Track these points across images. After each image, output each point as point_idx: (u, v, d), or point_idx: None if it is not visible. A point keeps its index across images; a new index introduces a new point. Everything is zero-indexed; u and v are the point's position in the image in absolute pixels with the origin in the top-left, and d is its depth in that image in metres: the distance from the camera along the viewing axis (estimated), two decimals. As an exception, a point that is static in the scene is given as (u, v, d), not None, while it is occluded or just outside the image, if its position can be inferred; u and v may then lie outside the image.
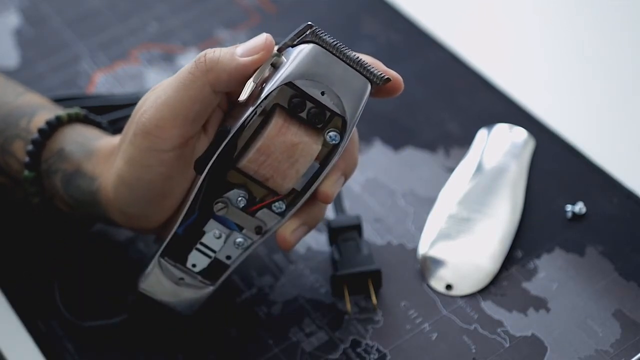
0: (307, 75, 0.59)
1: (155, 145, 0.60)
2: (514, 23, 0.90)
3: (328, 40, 0.59)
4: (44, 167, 0.66)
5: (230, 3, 0.91)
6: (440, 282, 0.69)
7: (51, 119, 0.67)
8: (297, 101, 0.60)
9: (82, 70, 0.86)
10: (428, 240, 0.71)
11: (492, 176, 0.74)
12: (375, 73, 0.60)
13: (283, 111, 0.60)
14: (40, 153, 0.66)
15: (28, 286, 0.71)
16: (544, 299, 0.68)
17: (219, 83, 0.59)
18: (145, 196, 0.62)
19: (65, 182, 0.66)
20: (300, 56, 0.59)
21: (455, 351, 0.66)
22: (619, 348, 0.65)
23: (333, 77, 0.59)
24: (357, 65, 0.60)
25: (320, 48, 0.59)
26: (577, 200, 0.73)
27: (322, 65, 0.59)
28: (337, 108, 0.60)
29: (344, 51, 0.60)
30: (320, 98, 0.59)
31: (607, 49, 0.85)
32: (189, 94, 0.60)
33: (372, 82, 0.60)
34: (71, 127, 0.68)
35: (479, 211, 0.72)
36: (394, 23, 0.88)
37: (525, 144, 0.77)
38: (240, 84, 0.60)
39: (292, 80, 0.59)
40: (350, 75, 0.60)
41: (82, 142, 0.67)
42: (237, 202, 0.61)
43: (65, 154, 0.66)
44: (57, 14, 0.91)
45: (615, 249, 0.70)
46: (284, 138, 0.60)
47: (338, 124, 0.60)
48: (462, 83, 0.83)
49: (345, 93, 0.59)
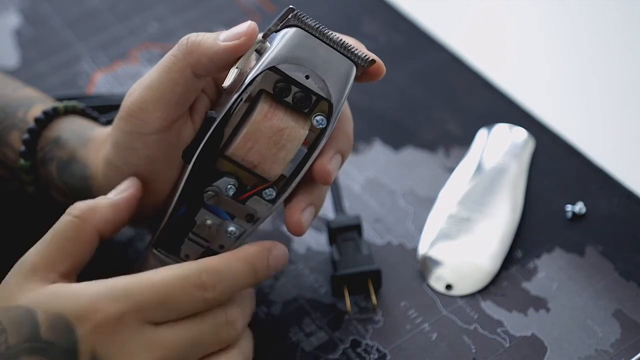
0: (290, 59, 0.59)
1: (139, 127, 0.61)
2: (515, 23, 0.90)
3: (310, 24, 0.59)
4: (40, 155, 0.67)
5: (230, 3, 0.91)
6: (440, 282, 0.69)
7: (48, 109, 0.67)
8: (282, 86, 0.59)
9: (82, 70, 0.86)
10: (428, 240, 0.71)
11: (492, 176, 0.74)
12: (360, 55, 0.59)
13: (269, 97, 0.60)
14: (36, 142, 0.67)
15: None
16: (544, 299, 0.68)
17: (200, 67, 0.59)
18: (128, 177, 0.63)
19: (60, 169, 0.66)
20: (283, 40, 0.59)
21: (455, 351, 0.66)
22: (619, 348, 0.65)
23: (317, 61, 0.59)
24: (341, 48, 0.59)
25: (303, 31, 0.59)
26: (577, 200, 0.73)
27: (305, 48, 0.59)
28: (322, 91, 0.59)
29: (327, 34, 0.59)
30: (305, 82, 0.59)
31: (608, 49, 0.85)
32: (171, 76, 0.60)
33: (356, 64, 0.60)
34: (68, 118, 0.68)
35: (479, 211, 0.72)
36: (395, 23, 0.88)
37: (525, 144, 0.77)
38: (222, 69, 0.60)
39: (276, 65, 0.59)
40: (334, 57, 0.59)
41: (78, 130, 0.67)
42: (227, 190, 0.61)
43: (61, 142, 0.67)
44: (57, 14, 0.91)
45: (616, 249, 0.70)
46: (270, 123, 0.59)
47: (324, 107, 0.60)
48: (462, 83, 0.83)
49: (330, 76, 0.59)
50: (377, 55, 0.62)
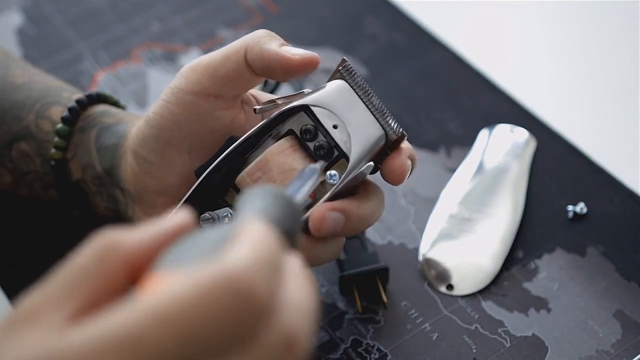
0: (325, 104, 0.59)
1: (179, 82, 0.62)
2: (516, 23, 0.90)
3: (357, 80, 0.60)
4: (81, 124, 0.68)
5: (232, 3, 0.91)
6: (441, 282, 0.69)
7: (100, 92, 0.69)
8: (309, 128, 0.60)
9: (84, 69, 0.86)
10: (429, 240, 0.71)
11: (494, 176, 0.74)
12: (392, 126, 0.59)
13: (294, 138, 0.60)
14: (81, 113, 0.68)
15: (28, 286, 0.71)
16: (544, 299, 0.68)
17: (251, 55, 0.61)
18: (154, 134, 0.63)
19: (101, 131, 0.67)
20: (325, 87, 0.60)
21: (455, 351, 0.66)
22: (619, 348, 0.65)
23: (349, 116, 0.59)
24: (377, 112, 0.59)
25: (347, 85, 0.60)
26: (578, 201, 0.73)
27: (343, 100, 0.59)
28: (344, 146, 0.59)
29: (369, 95, 0.60)
30: (330, 130, 0.59)
31: (609, 49, 0.85)
32: (226, 51, 0.61)
33: (387, 134, 0.59)
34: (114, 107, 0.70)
35: (480, 211, 0.72)
36: (397, 23, 0.88)
37: (527, 144, 0.77)
38: (267, 72, 0.61)
39: (309, 105, 0.59)
40: (367, 119, 0.59)
41: (125, 112, 0.69)
42: (222, 219, 0.61)
43: (109, 112, 0.68)
44: (59, 13, 0.91)
45: (617, 249, 0.70)
46: (284, 159, 0.59)
47: (343, 165, 0.60)
48: (463, 83, 0.83)
49: (357, 135, 0.59)
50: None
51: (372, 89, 0.61)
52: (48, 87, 0.70)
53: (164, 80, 0.84)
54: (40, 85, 0.70)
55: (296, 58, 0.60)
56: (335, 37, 0.87)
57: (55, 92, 0.70)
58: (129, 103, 0.82)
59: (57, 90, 0.70)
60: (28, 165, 0.69)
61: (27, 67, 0.73)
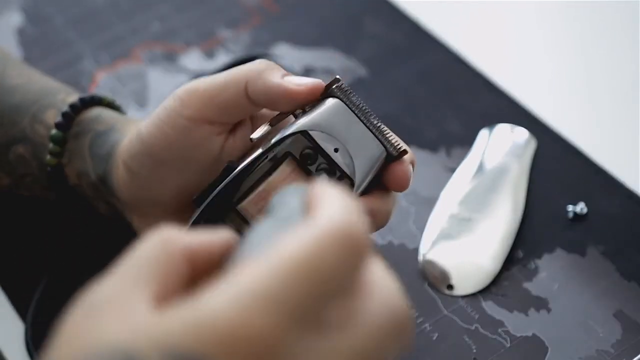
0: (323, 128, 0.58)
1: (175, 105, 0.61)
2: (516, 23, 0.90)
3: (353, 99, 0.59)
4: (75, 129, 0.67)
5: (232, 3, 0.91)
6: (442, 282, 0.69)
7: (95, 94, 0.69)
8: (309, 153, 0.59)
9: (84, 69, 0.86)
10: (429, 240, 0.71)
11: (494, 176, 0.74)
12: (393, 142, 0.59)
13: (293, 161, 0.59)
14: (75, 118, 0.67)
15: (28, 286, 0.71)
16: (545, 299, 0.68)
17: (253, 88, 0.60)
18: (145, 151, 0.62)
19: (94, 139, 0.67)
20: (321, 108, 0.59)
21: (456, 351, 0.66)
22: (619, 348, 0.65)
23: (349, 137, 0.58)
24: (376, 131, 0.59)
25: (344, 105, 0.59)
26: (578, 201, 0.73)
27: (341, 122, 0.58)
28: (348, 169, 0.59)
29: (366, 113, 0.59)
30: (332, 154, 0.59)
31: (609, 49, 0.85)
32: (225, 80, 0.60)
33: (388, 151, 0.59)
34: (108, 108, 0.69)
35: (480, 211, 0.72)
36: (397, 23, 0.88)
37: (527, 144, 0.77)
38: (268, 104, 0.60)
39: (308, 130, 0.58)
40: (367, 139, 0.59)
41: (119, 115, 0.68)
42: None
43: (102, 117, 0.68)
44: (59, 13, 0.91)
45: (617, 249, 0.70)
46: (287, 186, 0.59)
47: (346, 186, 0.59)
48: (463, 83, 0.83)
49: (359, 156, 0.59)
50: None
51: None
52: (43, 89, 0.70)
53: (164, 80, 0.84)
54: (35, 86, 0.70)
55: (302, 89, 0.59)
56: (335, 37, 0.87)
57: (50, 94, 0.69)
58: (129, 103, 0.83)
59: (52, 92, 0.70)
60: (25, 168, 0.69)
61: (23, 67, 0.73)
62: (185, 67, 0.86)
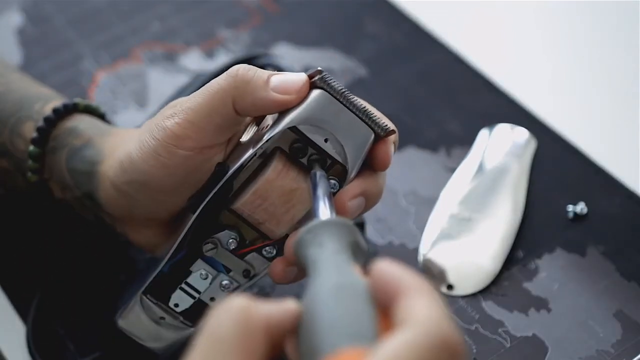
0: (311, 121, 0.58)
1: (170, 139, 0.59)
2: (516, 23, 0.90)
3: (335, 87, 0.58)
4: (52, 144, 0.66)
5: (232, 3, 0.91)
6: (442, 282, 0.69)
7: (68, 103, 0.67)
8: (299, 146, 0.59)
9: (84, 69, 0.86)
10: (429, 240, 0.71)
11: (494, 176, 0.74)
12: (380, 123, 0.59)
13: (283, 155, 0.59)
14: (51, 131, 0.66)
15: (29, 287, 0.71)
16: (545, 299, 0.68)
17: (241, 104, 0.58)
18: (142, 179, 0.61)
19: (70, 154, 0.66)
20: (306, 101, 0.58)
21: (456, 351, 0.66)
22: (620, 348, 0.65)
23: (337, 125, 0.58)
24: (362, 115, 0.58)
25: (328, 95, 0.58)
26: (578, 201, 0.73)
27: (327, 112, 0.58)
28: (339, 156, 0.59)
29: (351, 99, 0.58)
30: (323, 145, 0.58)
31: (609, 49, 0.85)
32: (212, 104, 0.59)
33: (375, 132, 0.59)
34: (86, 115, 0.68)
35: (480, 211, 0.72)
36: (397, 23, 0.88)
37: (527, 144, 0.77)
38: (263, 114, 0.59)
39: (296, 125, 0.58)
40: (355, 124, 0.58)
41: (97, 124, 0.67)
42: (228, 244, 0.60)
43: (77, 130, 0.66)
44: (59, 13, 0.91)
45: (617, 249, 0.70)
46: (282, 182, 0.59)
47: (338, 171, 0.59)
48: (463, 83, 0.83)
49: (349, 142, 0.58)
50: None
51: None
52: (21, 99, 0.69)
53: (164, 80, 0.84)
54: (15, 95, 0.69)
55: (291, 98, 0.58)
56: (335, 37, 0.87)
57: (28, 104, 0.68)
58: (129, 103, 0.83)
59: (30, 102, 0.68)
60: (12, 180, 0.68)
61: (5, 73, 0.72)
62: (185, 67, 0.86)
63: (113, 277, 0.71)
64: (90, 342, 0.67)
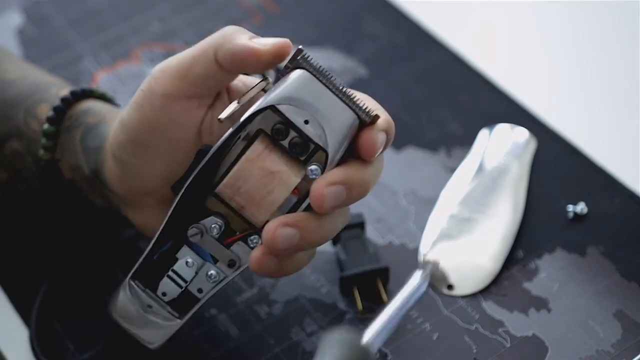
0: (291, 101, 0.57)
1: (150, 85, 0.61)
2: (516, 23, 0.90)
3: (316, 67, 0.57)
4: (66, 124, 0.68)
5: (232, 2, 0.91)
6: (442, 282, 0.69)
7: (86, 87, 0.69)
8: (280, 128, 0.58)
9: (84, 69, 0.86)
10: (429, 240, 0.71)
11: (494, 176, 0.74)
12: (364, 108, 0.58)
13: (266, 137, 0.58)
14: (66, 111, 0.68)
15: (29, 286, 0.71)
16: (545, 299, 0.68)
17: (222, 54, 0.59)
18: (130, 137, 0.62)
19: (85, 132, 0.67)
20: (287, 81, 0.57)
21: (456, 351, 0.66)
22: (620, 348, 0.65)
23: (319, 107, 0.57)
24: (345, 98, 0.57)
25: (309, 74, 0.57)
26: (578, 201, 0.73)
27: (308, 92, 0.57)
28: (320, 140, 0.57)
29: (333, 81, 0.57)
30: (303, 127, 0.57)
31: (609, 49, 0.85)
32: (194, 53, 0.61)
33: (360, 117, 0.58)
34: (101, 100, 0.70)
35: (480, 211, 0.72)
36: (397, 23, 0.88)
37: (527, 144, 0.77)
38: (240, 68, 0.59)
39: (276, 104, 0.57)
40: (337, 107, 0.57)
41: (111, 107, 0.69)
42: (211, 229, 0.60)
43: (92, 110, 0.68)
44: (59, 13, 0.91)
45: (617, 249, 0.70)
46: (262, 164, 0.58)
47: (321, 157, 0.58)
48: (463, 83, 0.83)
49: (330, 125, 0.57)
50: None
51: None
52: (37, 84, 0.70)
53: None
54: (30, 80, 0.70)
55: (267, 49, 0.59)
56: (335, 37, 0.87)
57: (43, 88, 0.70)
58: (129, 103, 0.83)
59: (45, 87, 0.70)
60: (21, 163, 0.69)
61: (19, 62, 0.73)
62: (185, 67, 0.86)
63: (113, 275, 0.71)
64: (90, 339, 0.67)
